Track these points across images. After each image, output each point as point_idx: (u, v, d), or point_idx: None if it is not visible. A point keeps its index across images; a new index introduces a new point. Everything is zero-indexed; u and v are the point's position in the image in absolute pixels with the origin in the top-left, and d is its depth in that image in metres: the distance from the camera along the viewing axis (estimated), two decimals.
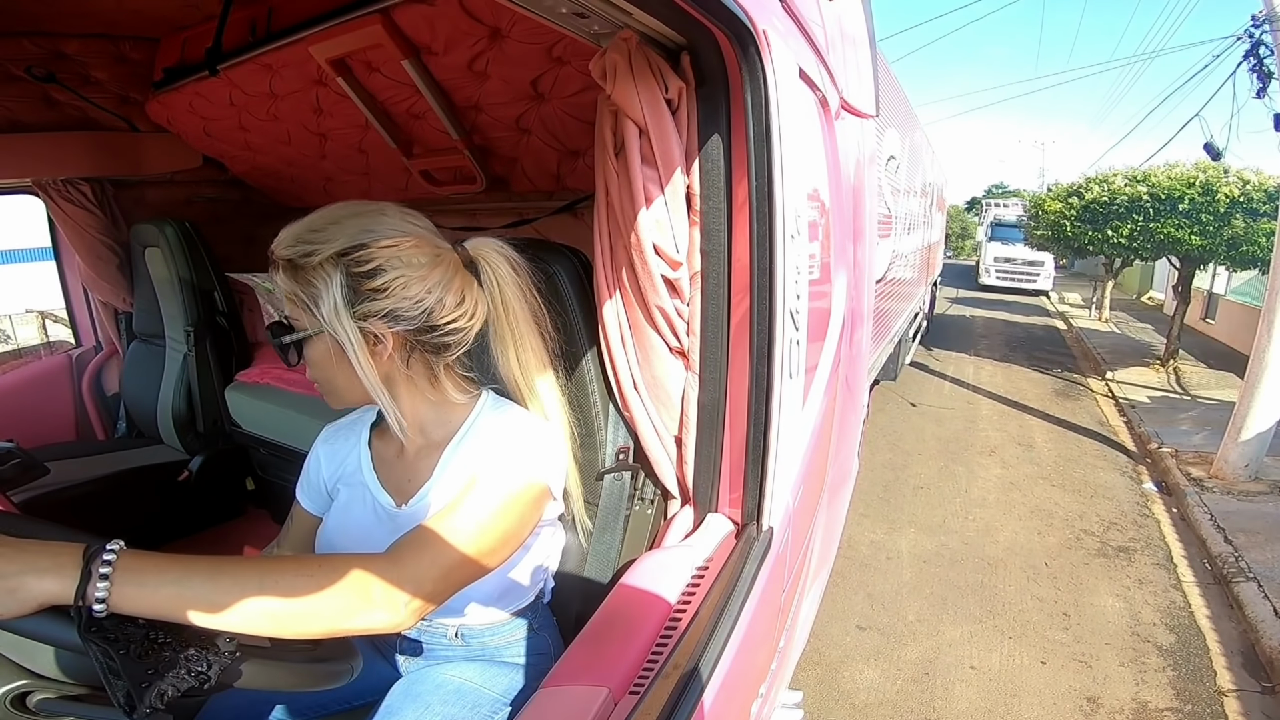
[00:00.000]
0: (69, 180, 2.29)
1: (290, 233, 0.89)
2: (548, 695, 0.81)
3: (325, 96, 1.91)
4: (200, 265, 2.27)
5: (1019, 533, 4.00)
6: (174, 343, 2.35)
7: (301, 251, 0.87)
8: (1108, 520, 4.23)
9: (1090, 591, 3.37)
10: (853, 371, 1.67)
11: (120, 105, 2.18)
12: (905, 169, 5.05)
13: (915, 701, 2.55)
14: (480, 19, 1.44)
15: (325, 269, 0.86)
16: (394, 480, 1.04)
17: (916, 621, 3.07)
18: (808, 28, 1.17)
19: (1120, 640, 2.97)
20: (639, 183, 0.98)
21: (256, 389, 2.25)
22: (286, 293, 0.90)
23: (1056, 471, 5.06)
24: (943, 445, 5.53)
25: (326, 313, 0.87)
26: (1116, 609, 3.22)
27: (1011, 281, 17.45)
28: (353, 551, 0.99)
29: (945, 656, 2.82)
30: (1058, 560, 3.68)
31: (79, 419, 2.62)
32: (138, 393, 2.49)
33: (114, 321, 2.64)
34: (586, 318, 1.15)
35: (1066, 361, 9.39)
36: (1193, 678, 2.72)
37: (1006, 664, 2.78)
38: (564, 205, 2.15)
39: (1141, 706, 2.55)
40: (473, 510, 0.86)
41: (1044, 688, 2.63)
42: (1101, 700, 2.58)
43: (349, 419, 1.15)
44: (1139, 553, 3.80)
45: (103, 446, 2.49)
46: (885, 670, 2.73)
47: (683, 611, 0.95)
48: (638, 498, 1.20)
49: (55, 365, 2.60)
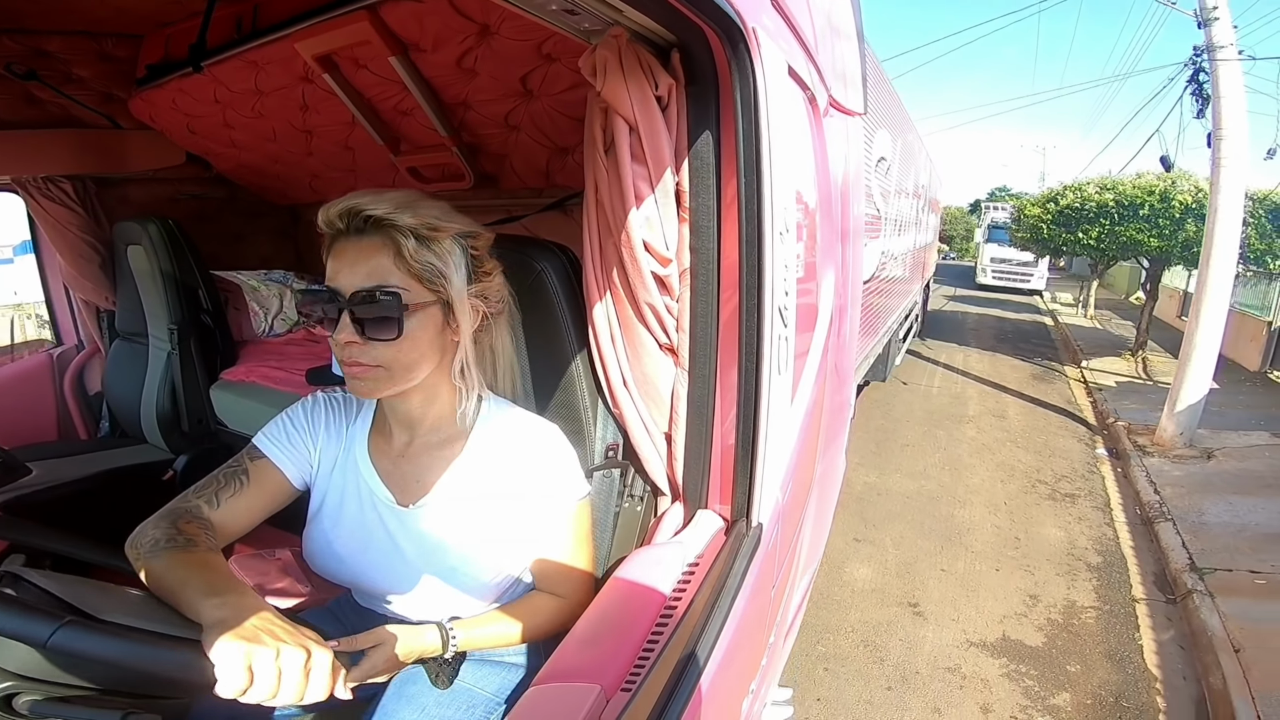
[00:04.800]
0: (50, 178, 2.24)
1: (391, 200, 0.89)
2: (539, 694, 0.81)
3: (312, 93, 1.89)
4: (184, 263, 2.24)
5: (985, 480, 4.94)
6: (157, 341, 2.32)
7: (428, 224, 0.90)
8: (1061, 474, 5.14)
9: (1038, 524, 4.26)
10: (840, 368, 1.68)
11: (103, 102, 2.15)
12: (896, 170, 5.06)
13: (898, 589, 3.41)
14: (470, 16, 1.43)
15: (450, 245, 0.93)
16: (395, 477, 1.03)
17: (900, 538, 3.97)
18: (797, 26, 1.17)
19: (1058, 559, 3.81)
20: (629, 180, 0.98)
21: (242, 387, 2.23)
22: (412, 262, 0.89)
23: (1024, 437, 6.01)
24: (928, 415, 6.51)
25: (456, 286, 0.93)
26: (1058, 537, 4.10)
27: (1007, 281, 18.28)
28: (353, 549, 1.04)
29: (921, 562, 3.70)
30: (1014, 501, 4.60)
31: (61, 419, 2.58)
32: (121, 392, 2.46)
33: (95, 320, 2.61)
34: (574, 315, 1.15)
35: (1048, 352, 10.27)
36: (1113, 588, 3.53)
37: (968, 569, 3.65)
38: (553, 202, 2.14)
39: (1071, 604, 3.35)
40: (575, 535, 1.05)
41: (997, 586, 3.49)
42: (1040, 597, 3.41)
43: (345, 400, 1.11)
44: (1082, 498, 4.72)
45: (85, 446, 2.46)
46: (875, 568, 3.59)
47: (673, 608, 0.96)
48: (627, 495, 1.20)
49: (36, 364, 2.56)
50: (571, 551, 1.05)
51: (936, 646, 2.98)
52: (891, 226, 5.05)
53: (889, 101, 4.70)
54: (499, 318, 1.06)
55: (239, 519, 1.00)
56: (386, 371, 0.92)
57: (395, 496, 1.02)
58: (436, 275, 0.91)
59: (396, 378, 0.93)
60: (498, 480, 1.01)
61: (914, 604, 3.29)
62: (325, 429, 1.08)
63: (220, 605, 0.75)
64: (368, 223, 0.89)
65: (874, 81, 3.97)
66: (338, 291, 0.89)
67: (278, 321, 2.70)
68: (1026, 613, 3.27)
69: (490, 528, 1.01)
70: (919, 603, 3.29)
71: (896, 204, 5.27)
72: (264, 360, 2.30)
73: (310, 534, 1.06)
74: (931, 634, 3.06)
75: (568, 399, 1.18)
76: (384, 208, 0.88)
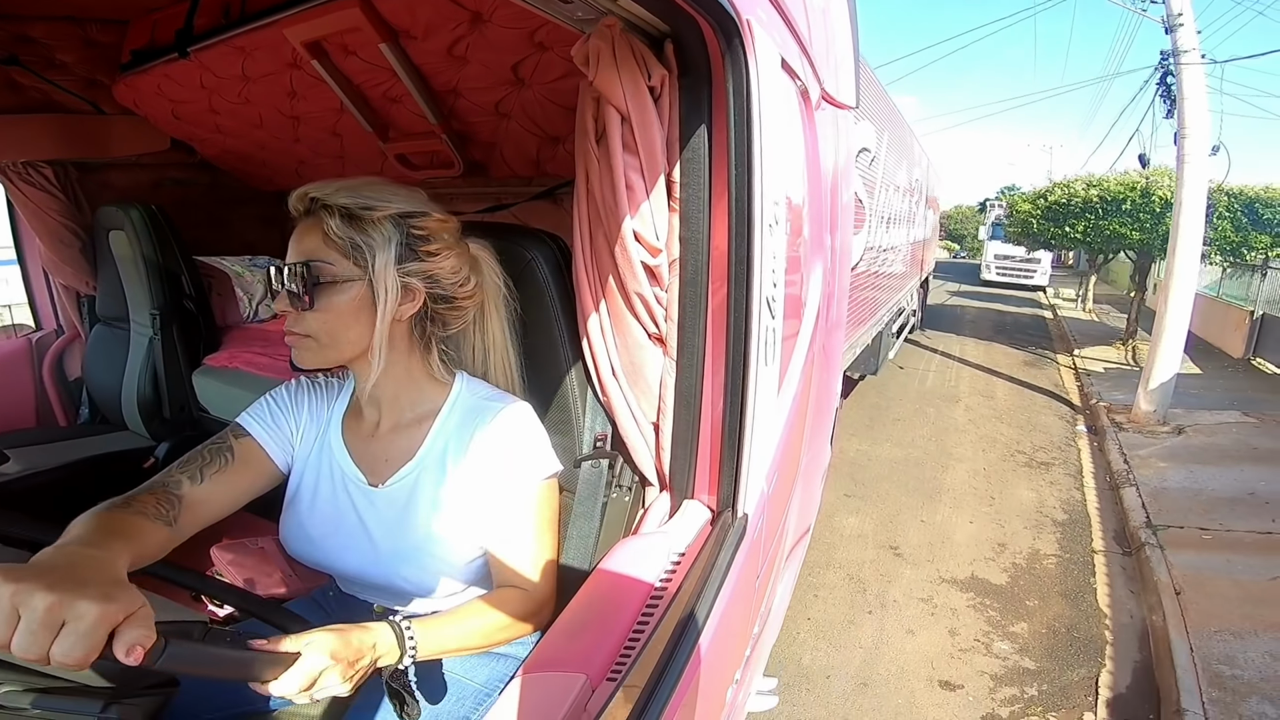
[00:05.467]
0: (30, 163, 2.20)
1: (340, 185, 0.94)
2: (526, 683, 0.81)
3: (299, 80, 1.86)
4: (167, 249, 2.21)
5: (968, 450, 5.41)
6: (139, 326, 2.29)
7: (362, 204, 0.93)
8: (1039, 446, 5.60)
9: (1012, 486, 4.69)
10: (827, 360, 1.69)
11: (86, 88, 2.11)
12: (883, 163, 5.09)
13: (882, 535, 3.88)
14: (461, 3, 1.41)
15: (384, 225, 0.94)
16: (366, 457, 1.04)
17: (886, 495, 4.42)
18: (791, 18, 1.17)
19: (1027, 515, 4.22)
20: (620, 170, 0.98)
21: (225, 373, 2.20)
22: (336, 239, 0.93)
23: (1008, 415, 6.47)
24: (920, 394, 7.01)
25: (379, 263, 0.94)
26: (1029, 497, 4.52)
27: (1010, 277, 18.68)
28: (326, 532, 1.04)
29: (904, 514, 4.16)
30: (993, 467, 5.06)
31: (39, 405, 2.54)
32: (101, 377, 2.42)
33: (75, 305, 2.57)
34: (564, 304, 1.15)
35: (1043, 342, 10.72)
36: (1075, 540, 3.93)
37: (945, 521, 4.10)
38: (543, 191, 2.13)
39: (1035, 552, 3.76)
40: (537, 518, 1.01)
41: (970, 535, 3.94)
42: (1008, 545, 3.84)
43: (326, 383, 1.13)
44: (1056, 467, 5.14)
45: (64, 433, 2.42)
46: (862, 519, 4.07)
47: (659, 598, 0.96)
48: (615, 485, 1.21)
49: (14, 350, 2.52)
50: (532, 535, 1.01)
51: (912, 582, 3.40)
52: (878, 220, 5.08)
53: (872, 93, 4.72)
54: (489, 307, 1.07)
55: (222, 497, 1.00)
56: (315, 341, 0.95)
57: (366, 476, 1.03)
58: (358, 250, 0.94)
59: (326, 347, 0.96)
60: (462, 458, 1.01)
61: (895, 547, 3.76)
62: (308, 411, 1.09)
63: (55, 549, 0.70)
64: (313, 204, 0.95)
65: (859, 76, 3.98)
66: (281, 267, 0.94)
67: (262, 307, 2.67)
68: (994, 558, 3.68)
69: (457, 506, 1.00)
70: (899, 546, 3.76)
71: (884, 198, 5.29)
72: (248, 346, 2.28)
73: (285, 517, 1.07)
74: (908, 572, 3.50)
75: (557, 388, 1.18)
76: (327, 190, 0.93)
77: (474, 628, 0.94)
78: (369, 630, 0.83)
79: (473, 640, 0.94)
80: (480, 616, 0.95)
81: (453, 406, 1.03)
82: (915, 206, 7.52)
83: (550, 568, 1.02)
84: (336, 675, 0.76)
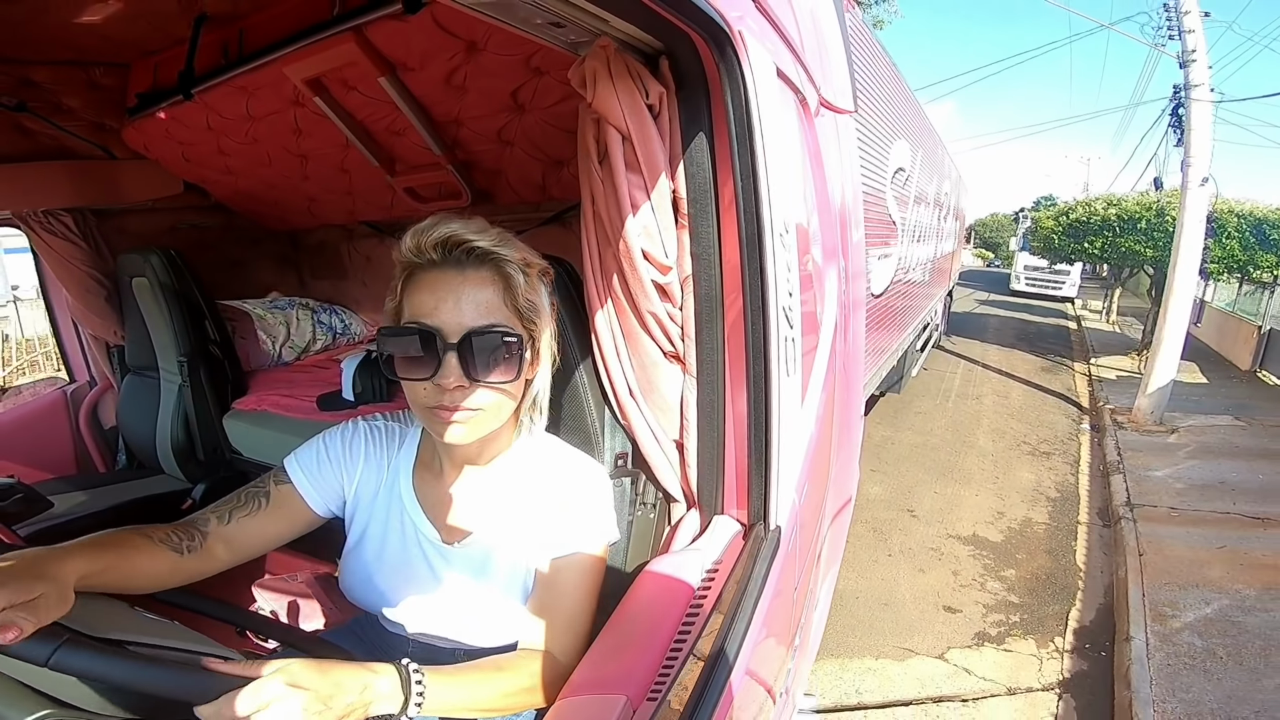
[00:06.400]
0: (50, 211, 2.24)
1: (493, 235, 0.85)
2: (565, 707, 0.80)
3: (304, 117, 1.89)
4: (188, 293, 2.25)
5: (980, 439, 6.14)
6: (168, 374, 2.34)
7: (526, 260, 0.87)
8: (1044, 439, 6.28)
9: (1015, 469, 5.42)
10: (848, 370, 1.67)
11: (95, 132, 2.15)
12: (916, 181, 5.00)
13: (901, 501, 4.64)
14: (455, 33, 1.43)
15: (539, 283, 0.90)
16: (440, 512, 1.01)
17: (905, 471, 5.22)
18: (781, 27, 1.16)
19: (1025, 492, 4.94)
20: (624, 189, 0.97)
21: (255, 416, 2.24)
22: (524, 300, 0.86)
23: (1020, 412, 7.14)
24: (941, 392, 7.72)
25: (543, 324, 0.90)
26: (1028, 478, 5.23)
27: (1039, 287, 18.94)
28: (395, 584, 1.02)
29: (919, 487, 4.92)
30: (1002, 454, 5.78)
31: (79, 453, 2.60)
32: (135, 425, 2.47)
33: (105, 355, 2.62)
34: (577, 327, 1.14)
35: (1063, 350, 11.21)
36: (1063, 513, 4.61)
37: (955, 493, 4.84)
38: (551, 216, 2.14)
39: (1028, 520, 4.47)
40: (585, 584, 0.97)
41: (974, 504, 4.68)
42: (1006, 514, 4.55)
43: (390, 425, 1.08)
44: (1057, 456, 5.82)
45: (104, 479, 2.47)
46: (885, 488, 4.87)
47: (695, 615, 0.95)
48: (640, 503, 1.20)
49: (50, 402, 2.58)
50: (577, 601, 0.96)
51: (924, 536, 4.17)
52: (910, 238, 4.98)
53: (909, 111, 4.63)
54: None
55: (251, 538, 0.99)
56: (485, 414, 0.88)
57: (440, 533, 1.01)
58: (534, 314, 0.88)
59: (493, 420, 0.89)
60: (536, 517, 0.99)
61: (911, 510, 4.54)
62: (365, 458, 1.05)
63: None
64: (470, 255, 0.84)
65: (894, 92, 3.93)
66: (438, 330, 0.82)
67: (285, 349, 2.71)
68: (993, 522, 4.42)
69: (529, 565, 0.99)
70: (915, 510, 4.54)
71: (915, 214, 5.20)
72: (273, 388, 2.32)
73: (349, 565, 1.05)
74: (921, 528, 4.27)
75: (575, 411, 1.17)
76: (489, 240, 0.84)
77: (490, 688, 0.87)
78: (366, 670, 0.75)
79: (485, 702, 0.86)
80: (500, 675, 0.88)
81: (527, 462, 1.01)
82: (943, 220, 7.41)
83: (584, 638, 0.95)
84: (297, 708, 0.66)
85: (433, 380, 0.83)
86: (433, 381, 0.84)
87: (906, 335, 5.40)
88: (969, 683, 2.83)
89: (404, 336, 0.84)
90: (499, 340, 0.84)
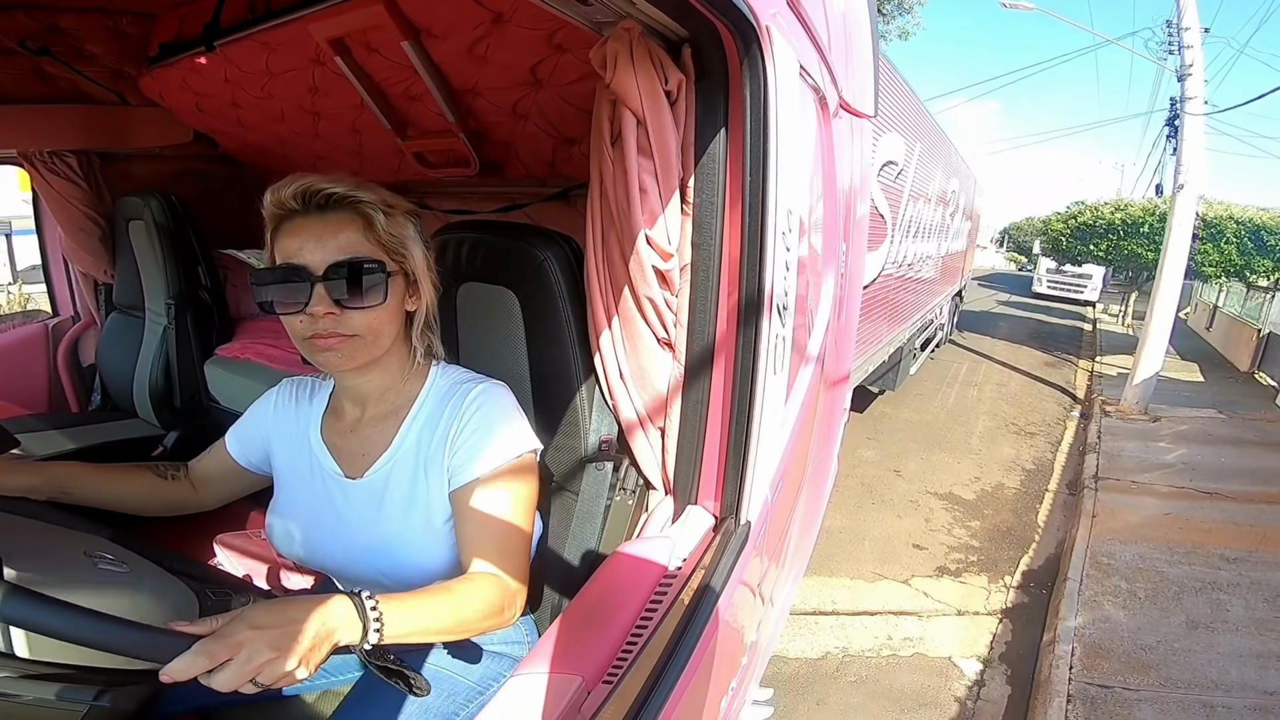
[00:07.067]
0: (55, 152, 2.24)
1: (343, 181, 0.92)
2: (520, 683, 0.80)
3: (322, 76, 1.88)
4: (185, 239, 2.24)
5: (972, 419, 6.73)
6: (154, 315, 2.31)
7: (386, 201, 0.95)
8: (1033, 421, 6.85)
9: (999, 445, 6.00)
10: (836, 371, 1.68)
11: (113, 79, 2.14)
12: (911, 176, 5.08)
13: (889, 464, 5.26)
14: (483, 3, 1.42)
15: (404, 221, 0.97)
16: (345, 451, 1.05)
17: (898, 441, 5.80)
18: (811, 25, 1.17)
19: (1003, 463, 5.54)
20: (634, 173, 0.98)
21: (237, 364, 2.22)
22: (385, 235, 0.94)
23: (1016, 399, 7.70)
24: (943, 379, 8.22)
25: (417, 257, 0.97)
26: (1009, 453, 5.83)
27: (1061, 291, 19.41)
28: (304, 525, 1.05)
29: (908, 454, 5.53)
30: (989, 433, 6.34)
31: (52, 390, 2.57)
32: (114, 365, 2.45)
33: (93, 293, 2.60)
34: (575, 305, 1.14)
35: (1070, 349, 11.69)
36: (1035, 482, 5.20)
37: (939, 461, 5.43)
38: (557, 192, 2.14)
39: (1000, 485, 5.07)
40: (510, 498, 0.96)
41: (955, 470, 5.29)
42: (982, 479, 5.14)
43: (310, 380, 1.15)
44: (1040, 436, 6.39)
45: (75, 419, 2.45)
46: (877, 453, 5.47)
47: (658, 603, 0.96)
48: (619, 488, 1.20)
49: (30, 334, 2.55)
50: (503, 516, 0.96)
51: (907, 491, 4.79)
52: (902, 234, 5.07)
53: (905, 106, 4.71)
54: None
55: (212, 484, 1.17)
56: (361, 340, 0.94)
57: (343, 470, 1.03)
58: (400, 247, 0.95)
59: (369, 345, 0.95)
60: (434, 444, 0.99)
61: (897, 471, 5.15)
62: (285, 412, 1.12)
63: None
64: (329, 200, 0.92)
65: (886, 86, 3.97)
66: (304, 267, 0.90)
67: None
68: (969, 483, 5.03)
69: (430, 496, 0.99)
70: (900, 470, 5.16)
71: (911, 211, 5.29)
72: (260, 338, 2.29)
73: (271, 516, 1.08)
74: (904, 485, 4.90)
75: (565, 388, 1.17)
76: (344, 186, 0.92)
77: (445, 610, 0.85)
78: (319, 601, 0.75)
79: (444, 622, 0.84)
80: (451, 598, 0.86)
81: (427, 395, 1.03)
82: (949, 218, 7.49)
83: (523, 553, 0.97)
84: (264, 649, 0.66)
85: (305, 311, 0.90)
86: (305, 312, 0.90)
87: (901, 331, 5.60)
88: (926, 603, 3.39)
89: (277, 275, 0.93)
90: (360, 268, 0.91)
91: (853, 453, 5.24)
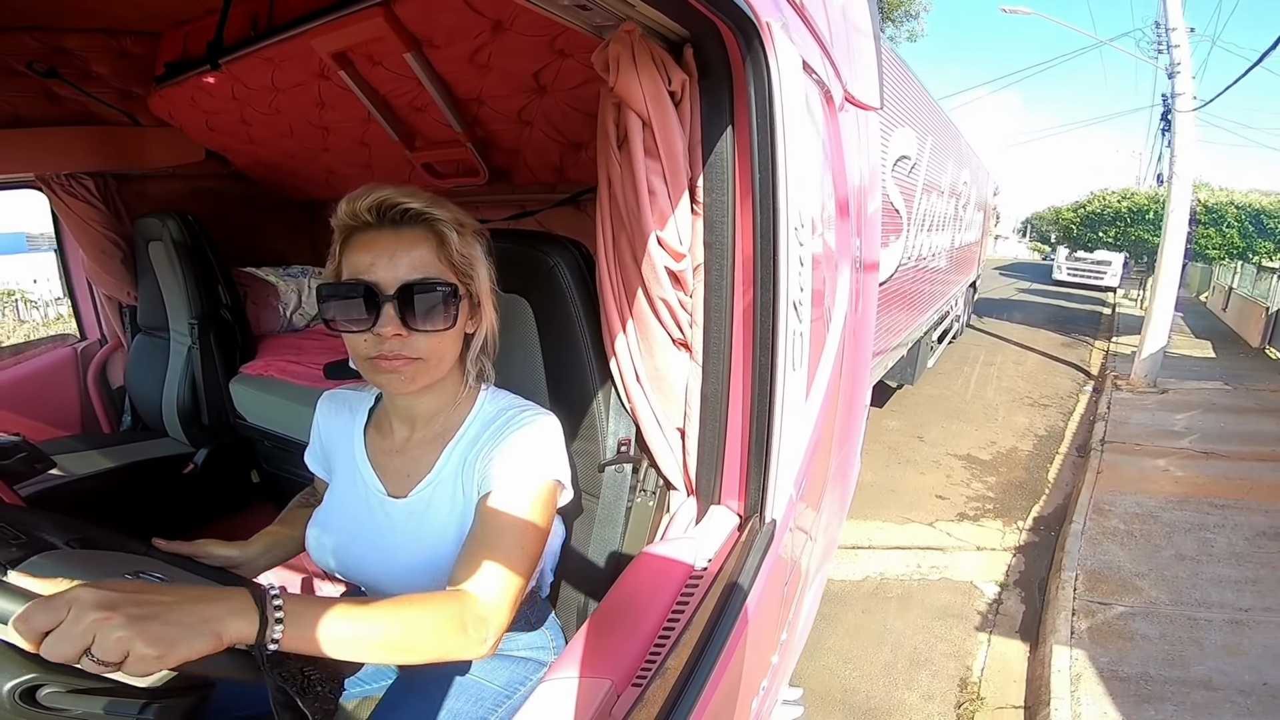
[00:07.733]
0: (72, 175, 2.28)
1: (424, 197, 0.90)
2: (550, 687, 0.81)
3: (327, 90, 1.90)
4: (203, 258, 2.27)
5: (989, 394, 7.21)
6: (178, 335, 2.36)
7: (459, 220, 0.93)
8: (1046, 395, 7.30)
9: (1014, 416, 6.47)
10: (856, 364, 1.66)
11: (122, 100, 2.18)
12: (925, 170, 5.01)
13: (912, 431, 5.78)
14: (482, 11, 1.43)
15: (473, 240, 0.95)
16: (390, 470, 1.03)
17: (920, 413, 6.28)
18: (812, 20, 1.16)
19: (1018, 431, 6.01)
20: (642, 175, 0.97)
21: (261, 381, 2.25)
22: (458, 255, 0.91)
23: (1031, 376, 8.18)
24: (962, 359, 8.67)
25: (482, 278, 0.95)
26: (1023, 421, 6.29)
27: (1081, 277, 19.26)
28: (344, 541, 1.03)
29: (929, 423, 6.03)
30: (1006, 405, 6.81)
31: (84, 412, 2.62)
32: (142, 386, 2.50)
33: (118, 315, 2.65)
34: (587, 309, 1.14)
35: (1088, 330, 12.03)
36: (1046, 446, 5.63)
37: (958, 429, 5.92)
38: (566, 198, 2.14)
39: (1014, 448, 5.54)
40: (516, 521, 0.90)
41: (973, 436, 5.76)
42: (997, 443, 5.63)
43: (347, 393, 1.14)
44: (1053, 408, 6.83)
45: (108, 439, 2.50)
46: (901, 422, 5.97)
47: (685, 604, 0.95)
48: (639, 489, 1.20)
49: (60, 358, 2.61)
50: (503, 536, 0.89)
51: (929, 453, 5.29)
52: (917, 228, 5.01)
53: (916, 99, 4.66)
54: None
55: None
56: (424, 363, 0.91)
57: (386, 487, 1.02)
58: (469, 267, 0.93)
59: (431, 369, 0.93)
60: (474, 467, 0.98)
61: (920, 436, 5.67)
62: (334, 425, 1.12)
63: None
64: (404, 216, 0.89)
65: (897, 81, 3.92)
66: (375, 285, 0.87)
67: (297, 316, 2.73)
68: (986, 447, 5.50)
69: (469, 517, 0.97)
70: (923, 436, 5.67)
71: (925, 204, 5.24)
72: (281, 354, 2.33)
73: (310, 527, 1.07)
74: (926, 449, 5.39)
75: (581, 392, 1.18)
76: (420, 202, 0.89)
77: (385, 621, 0.76)
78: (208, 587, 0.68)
79: (382, 634, 0.75)
80: (396, 610, 0.77)
81: (473, 420, 1.01)
82: (962, 210, 7.42)
83: (511, 582, 0.86)
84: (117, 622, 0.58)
85: (372, 331, 0.88)
86: (372, 332, 0.88)
87: (919, 325, 5.59)
88: (949, 541, 3.91)
89: (344, 291, 0.89)
90: (433, 291, 0.88)
91: (878, 423, 5.81)
